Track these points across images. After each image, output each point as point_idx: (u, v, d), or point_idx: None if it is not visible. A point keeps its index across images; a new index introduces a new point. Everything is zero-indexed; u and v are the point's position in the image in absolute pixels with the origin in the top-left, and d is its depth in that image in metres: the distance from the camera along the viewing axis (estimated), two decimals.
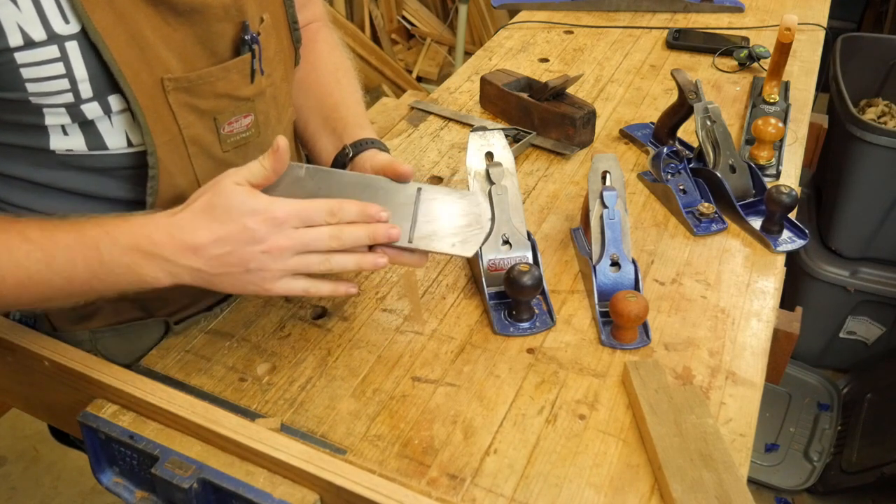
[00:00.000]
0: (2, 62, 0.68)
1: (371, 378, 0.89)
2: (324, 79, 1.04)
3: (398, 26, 3.88)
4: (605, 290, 0.98)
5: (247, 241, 0.72)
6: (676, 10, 1.84)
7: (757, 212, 1.14)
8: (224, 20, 0.80)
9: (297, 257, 0.75)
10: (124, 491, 0.83)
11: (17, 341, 0.86)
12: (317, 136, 1.02)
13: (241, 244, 0.73)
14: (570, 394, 0.87)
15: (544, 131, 1.34)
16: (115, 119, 0.76)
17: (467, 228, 0.81)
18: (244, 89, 0.84)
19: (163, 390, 0.80)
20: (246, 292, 0.77)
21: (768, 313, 0.99)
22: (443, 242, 0.81)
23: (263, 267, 0.74)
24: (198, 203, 0.74)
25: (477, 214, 0.81)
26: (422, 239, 0.81)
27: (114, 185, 0.81)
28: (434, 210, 0.81)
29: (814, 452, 2.02)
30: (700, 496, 0.73)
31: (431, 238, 0.81)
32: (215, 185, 0.74)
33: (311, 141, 1.03)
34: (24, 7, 0.67)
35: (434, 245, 0.82)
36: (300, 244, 0.74)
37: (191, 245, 0.72)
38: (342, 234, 0.76)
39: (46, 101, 0.72)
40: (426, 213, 0.81)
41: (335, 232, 0.76)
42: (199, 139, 0.82)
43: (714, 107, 1.18)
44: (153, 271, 0.73)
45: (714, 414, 0.84)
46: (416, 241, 0.81)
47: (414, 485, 0.76)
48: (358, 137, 0.96)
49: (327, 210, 0.75)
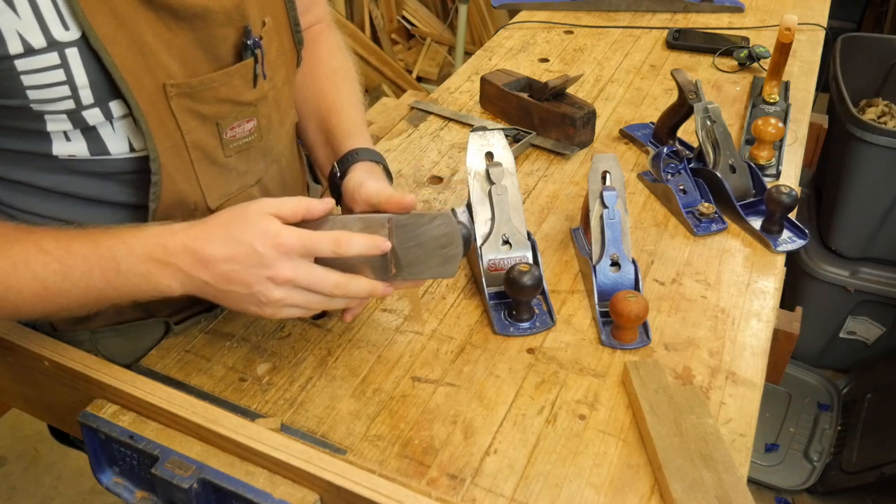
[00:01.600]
0: (2, 69, 0.68)
1: (371, 378, 0.89)
2: (320, 82, 1.03)
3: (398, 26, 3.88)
4: (605, 290, 0.98)
5: (253, 263, 0.73)
6: (676, 10, 1.84)
7: (757, 212, 1.14)
8: (226, 25, 0.80)
9: (300, 292, 0.76)
10: (124, 491, 0.83)
11: (17, 341, 0.86)
12: (315, 147, 1.02)
13: (248, 266, 0.73)
14: (570, 394, 0.87)
15: (544, 131, 1.34)
16: (116, 125, 0.76)
17: (444, 250, 0.81)
18: (246, 94, 0.84)
19: (163, 390, 0.80)
20: (245, 311, 0.78)
21: (768, 313, 0.99)
22: (424, 269, 0.82)
23: (266, 292, 0.74)
24: (217, 219, 0.75)
25: (449, 234, 0.80)
26: (403, 269, 0.81)
27: (116, 189, 0.81)
28: (408, 238, 0.80)
29: (814, 452, 2.02)
30: (700, 496, 0.73)
31: (412, 267, 0.81)
32: (241, 206, 0.75)
33: (311, 151, 1.03)
34: (23, 14, 0.67)
35: (416, 273, 0.82)
36: (305, 282, 0.75)
37: (202, 258, 0.73)
38: (347, 285, 0.77)
39: (47, 108, 0.72)
40: (401, 242, 0.80)
41: (341, 281, 0.77)
42: (201, 144, 0.82)
43: (714, 107, 1.18)
44: (167, 280, 0.74)
45: (714, 414, 0.84)
46: (399, 272, 0.81)
47: (414, 485, 0.76)
48: (346, 149, 0.95)
49: (333, 240, 0.76)
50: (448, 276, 0.82)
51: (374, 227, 0.80)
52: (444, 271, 0.82)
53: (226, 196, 0.87)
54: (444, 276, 0.83)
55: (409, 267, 0.81)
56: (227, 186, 0.87)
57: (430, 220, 0.80)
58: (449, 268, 0.82)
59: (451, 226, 0.80)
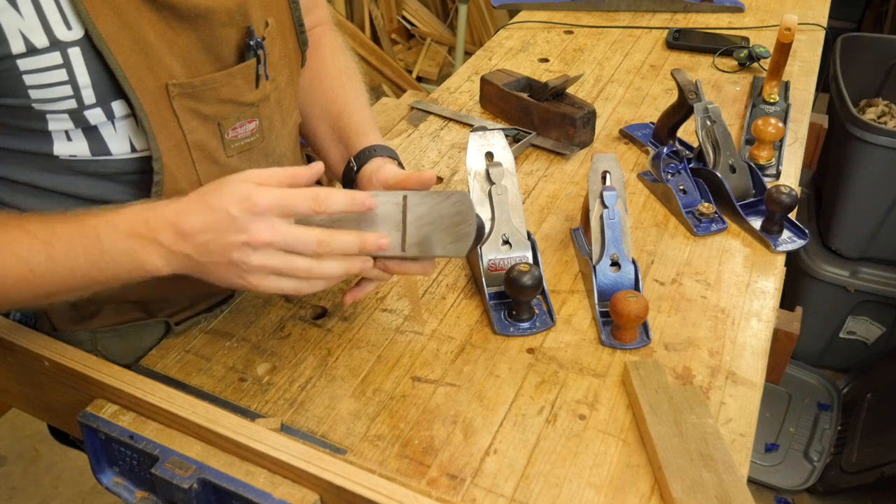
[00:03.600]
0: (4, 69, 0.68)
1: (371, 378, 0.89)
2: (328, 84, 1.03)
3: (398, 26, 3.88)
4: (605, 290, 0.98)
5: (228, 228, 0.70)
6: (676, 10, 1.84)
7: (757, 212, 1.14)
8: (228, 25, 0.80)
9: (282, 256, 0.72)
10: (124, 491, 0.83)
11: (17, 341, 0.86)
12: (326, 147, 1.02)
13: (223, 232, 0.70)
14: (570, 394, 0.87)
15: (544, 131, 1.34)
16: (118, 124, 0.76)
17: (457, 228, 0.79)
18: (248, 95, 0.84)
19: (163, 390, 0.80)
20: (233, 285, 0.74)
21: (768, 313, 0.99)
22: (435, 246, 0.80)
23: (245, 259, 0.71)
24: (198, 191, 0.72)
25: (464, 212, 0.79)
26: (413, 245, 0.80)
27: (118, 189, 0.81)
28: (422, 215, 0.79)
29: (814, 452, 2.02)
30: (700, 496, 0.73)
31: (423, 243, 0.80)
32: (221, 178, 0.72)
33: (321, 151, 1.03)
34: (26, 14, 0.67)
35: (426, 250, 0.80)
36: (283, 242, 0.71)
37: (181, 230, 0.70)
38: (331, 240, 0.73)
39: (49, 108, 0.72)
40: (414, 219, 0.79)
41: (323, 237, 0.72)
42: (203, 144, 0.82)
43: (714, 107, 1.18)
44: (151, 257, 0.71)
45: (714, 414, 0.84)
46: (409, 248, 0.80)
47: (414, 485, 0.76)
48: (362, 146, 0.95)
49: (311, 196, 0.72)
50: (460, 254, 0.81)
51: (387, 202, 0.78)
52: (457, 249, 0.80)
53: None
54: (455, 255, 0.81)
55: (421, 243, 0.80)
56: None
57: (445, 197, 0.79)
58: (461, 245, 0.80)
59: (465, 203, 0.79)
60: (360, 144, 0.96)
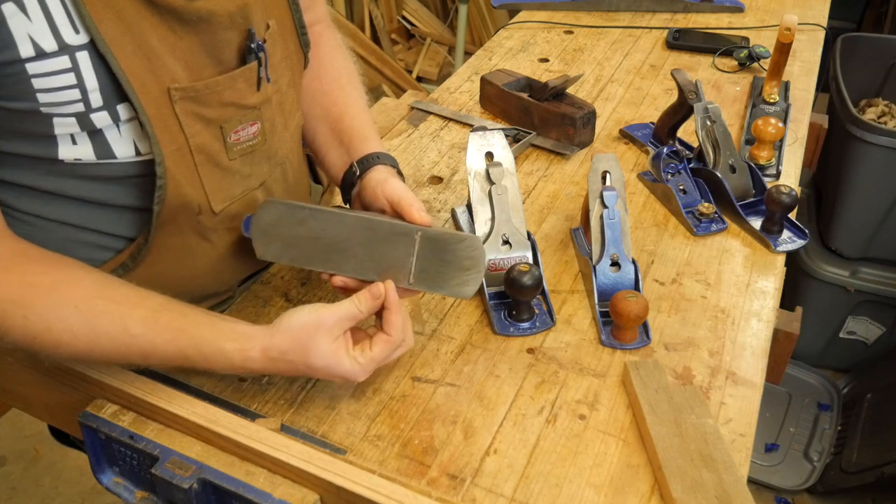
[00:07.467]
0: (13, 73, 0.68)
1: (371, 378, 0.88)
2: (328, 86, 1.03)
3: (398, 26, 3.88)
4: (605, 290, 0.98)
5: (306, 371, 0.79)
6: (676, 10, 1.84)
7: (757, 212, 1.14)
8: (230, 28, 0.80)
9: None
10: (124, 491, 0.83)
11: None
12: (326, 149, 1.02)
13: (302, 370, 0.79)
14: (570, 394, 0.87)
15: (544, 131, 1.34)
16: (123, 128, 0.76)
17: (466, 272, 0.83)
18: (250, 97, 0.84)
19: (163, 390, 0.80)
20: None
21: (768, 313, 0.99)
22: (442, 285, 0.83)
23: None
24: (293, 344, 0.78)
25: (475, 258, 0.82)
26: (422, 281, 0.83)
27: (121, 193, 0.81)
28: (434, 254, 0.82)
29: (814, 452, 2.02)
30: (700, 496, 0.73)
31: (431, 281, 0.83)
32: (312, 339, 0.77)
33: (320, 153, 1.03)
34: (34, 18, 0.67)
35: (434, 288, 0.84)
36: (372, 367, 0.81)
37: (272, 359, 0.78)
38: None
39: (57, 111, 0.72)
40: (427, 254, 0.82)
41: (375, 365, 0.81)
42: (205, 148, 0.82)
43: (714, 107, 1.18)
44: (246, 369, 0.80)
45: (714, 414, 0.84)
46: (416, 283, 0.83)
47: (414, 485, 0.75)
48: (365, 152, 0.96)
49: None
50: (464, 296, 0.84)
51: (401, 233, 0.82)
52: (461, 292, 0.83)
53: (230, 199, 0.87)
54: (458, 297, 0.84)
55: (428, 280, 0.83)
56: (231, 189, 0.87)
57: (459, 240, 0.82)
58: (467, 289, 0.83)
59: (478, 250, 0.82)
60: (361, 149, 0.97)
